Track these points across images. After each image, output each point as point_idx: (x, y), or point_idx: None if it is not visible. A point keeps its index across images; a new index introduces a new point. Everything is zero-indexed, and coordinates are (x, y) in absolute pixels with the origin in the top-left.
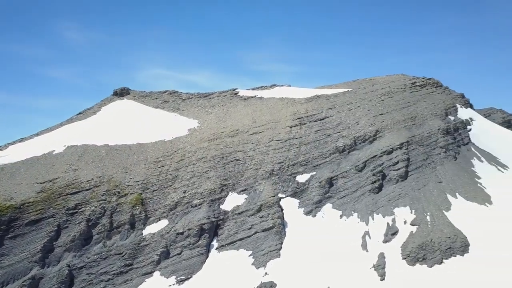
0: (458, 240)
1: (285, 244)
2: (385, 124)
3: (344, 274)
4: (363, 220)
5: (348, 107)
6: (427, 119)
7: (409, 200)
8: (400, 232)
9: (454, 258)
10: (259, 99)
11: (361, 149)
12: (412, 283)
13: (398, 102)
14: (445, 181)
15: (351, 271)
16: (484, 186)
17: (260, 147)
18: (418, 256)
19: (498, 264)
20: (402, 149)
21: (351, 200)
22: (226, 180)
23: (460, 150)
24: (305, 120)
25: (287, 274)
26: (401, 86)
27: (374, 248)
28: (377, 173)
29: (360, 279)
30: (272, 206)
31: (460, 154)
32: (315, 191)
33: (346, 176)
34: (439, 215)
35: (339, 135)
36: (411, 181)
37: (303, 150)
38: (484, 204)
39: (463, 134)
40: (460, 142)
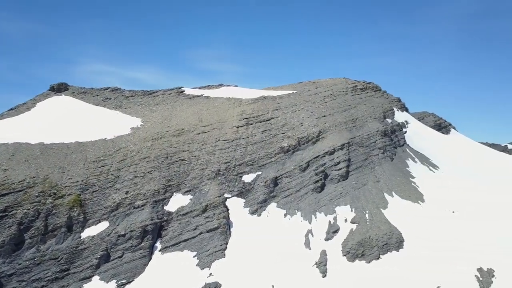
0: (394, 236)
1: (230, 244)
2: (327, 126)
3: (287, 272)
4: (306, 218)
5: (293, 108)
6: (367, 121)
7: (350, 199)
8: (341, 230)
9: (390, 254)
10: (205, 98)
11: (304, 150)
12: (352, 279)
13: (340, 104)
14: (383, 181)
15: (294, 269)
16: (417, 185)
17: (206, 147)
18: (357, 252)
19: (429, 258)
20: (343, 150)
21: (295, 199)
22: (170, 181)
23: (396, 151)
24: (252, 120)
25: (232, 274)
26: (343, 89)
27: (316, 246)
28: (320, 173)
29: (303, 276)
30: (218, 206)
31: (396, 155)
32: (261, 191)
33: (290, 175)
34: (377, 213)
35: (284, 135)
36: (351, 180)
37: (250, 150)
38: (417, 202)
39: (399, 136)
40: (396, 143)
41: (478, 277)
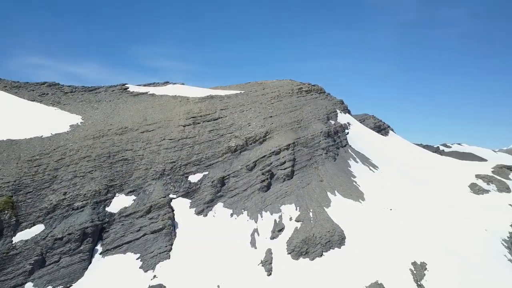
0: (336, 234)
1: (175, 245)
2: (274, 126)
3: (233, 272)
4: (252, 218)
5: (241, 108)
6: (311, 122)
7: (295, 198)
8: (286, 228)
9: (332, 251)
10: (150, 96)
11: (252, 150)
12: (296, 276)
13: (286, 106)
14: (326, 180)
15: (240, 269)
16: (358, 184)
17: (151, 146)
18: (301, 250)
19: (368, 253)
20: (289, 150)
21: (242, 198)
22: (112, 181)
23: (339, 152)
24: (199, 119)
25: (177, 275)
26: (289, 91)
27: (262, 245)
28: (266, 172)
29: (248, 276)
30: (163, 207)
31: (339, 155)
32: (207, 191)
33: (237, 175)
34: (320, 211)
35: (231, 135)
36: (296, 180)
37: (196, 150)
38: (358, 201)
39: (341, 137)
40: (339, 144)
41: (412, 271)
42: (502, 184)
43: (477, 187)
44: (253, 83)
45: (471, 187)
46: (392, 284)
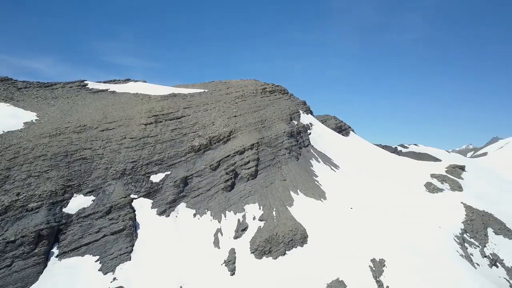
0: (298, 232)
1: (136, 246)
2: (238, 126)
3: (196, 272)
4: (216, 218)
5: (204, 107)
6: (275, 122)
7: (258, 197)
8: (249, 228)
9: (295, 249)
10: (111, 94)
11: (215, 149)
12: (259, 275)
13: (250, 105)
14: (289, 179)
15: (203, 269)
16: (320, 184)
17: (111, 144)
18: (265, 249)
19: (330, 251)
20: (253, 150)
21: (205, 198)
22: (70, 181)
23: (302, 151)
24: (161, 118)
25: (138, 277)
26: (253, 90)
27: (225, 245)
28: (230, 172)
29: (211, 276)
30: (123, 208)
31: (301, 155)
32: (170, 191)
33: (201, 175)
34: (283, 210)
35: (195, 134)
36: (260, 179)
37: (158, 149)
38: (320, 200)
39: (304, 137)
40: (301, 144)
41: (371, 267)
42: (455, 183)
43: (432, 186)
44: (217, 82)
45: (427, 186)
46: (352, 281)
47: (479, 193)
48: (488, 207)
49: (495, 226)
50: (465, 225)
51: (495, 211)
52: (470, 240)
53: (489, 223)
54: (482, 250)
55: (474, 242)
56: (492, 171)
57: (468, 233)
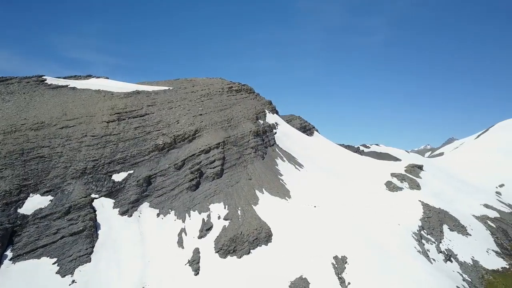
0: (263, 231)
1: (97, 247)
2: (204, 124)
3: (159, 272)
4: (180, 217)
5: (169, 105)
6: (241, 121)
7: (223, 196)
8: (214, 227)
9: (259, 248)
10: (71, 90)
11: (180, 148)
12: (224, 275)
13: (216, 104)
14: (254, 178)
15: (167, 269)
16: (285, 182)
17: (71, 142)
18: (229, 249)
19: (294, 249)
20: (218, 149)
21: (169, 198)
22: (26, 180)
23: (267, 151)
24: (124, 115)
25: (99, 278)
26: (219, 89)
27: (189, 244)
28: (195, 171)
29: (175, 276)
30: (83, 208)
31: (267, 154)
32: (132, 190)
33: (165, 174)
34: (248, 209)
35: (159, 133)
36: (225, 178)
37: (121, 148)
38: (285, 198)
39: (270, 136)
40: (267, 143)
41: (334, 264)
42: (413, 182)
43: (392, 184)
44: (183, 80)
45: (387, 185)
46: (315, 278)
47: (435, 192)
48: (444, 205)
49: (450, 223)
50: (423, 222)
51: (450, 208)
52: (427, 236)
53: (445, 220)
54: (438, 246)
55: (430, 239)
56: (447, 171)
57: (425, 230)
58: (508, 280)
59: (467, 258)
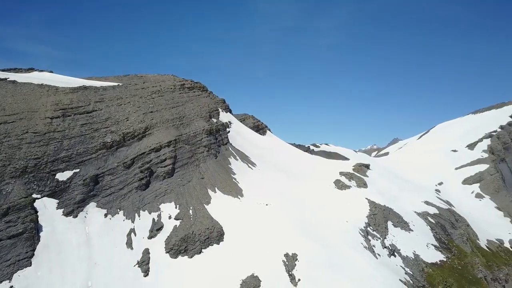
0: (215, 230)
1: (38, 250)
2: (154, 122)
3: (107, 275)
4: (129, 217)
5: (118, 102)
6: (194, 119)
7: (175, 196)
8: (165, 227)
9: (211, 247)
10: (11, 83)
11: (129, 146)
12: (174, 275)
13: (168, 101)
14: (207, 177)
15: (114, 271)
16: (237, 181)
17: (10, 139)
18: (180, 248)
19: (245, 248)
20: (169, 147)
21: (118, 197)
22: None
23: (220, 149)
24: (70, 112)
25: (40, 283)
26: (171, 86)
27: (139, 245)
28: (145, 170)
29: (123, 277)
30: (23, 209)
31: (220, 153)
32: (78, 190)
33: (113, 173)
34: (200, 209)
35: (107, 130)
36: (177, 177)
37: (66, 145)
38: (237, 197)
39: (223, 135)
40: (220, 142)
41: (284, 262)
42: (361, 180)
43: (340, 183)
44: (133, 76)
45: (336, 183)
46: (266, 276)
47: (381, 190)
48: (388, 202)
49: (394, 220)
50: (369, 219)
51: (394, 206)
52: (373, 232)
53: (389, 217)
54: (382, 242)
55: (376, 235)
56: (392, 170)
57: (371, 226)
58: (445, 272)
59: (409, 252)
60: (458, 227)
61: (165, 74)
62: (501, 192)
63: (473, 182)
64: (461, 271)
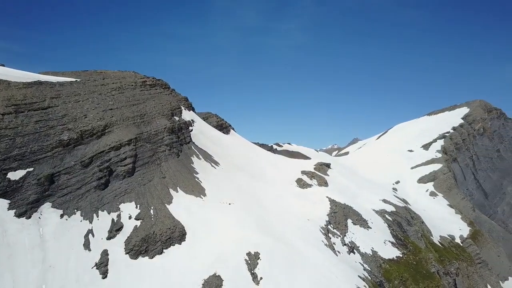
0: (177, 230)
1: None
2: (114, 120)
3: (63, 277)
4: (87, 218)
5: (76, 98)
6: (155, 117)
7: (135, 195)
8: (124, 228)
9: (173, 247)
10: None
11: (88, 144)
12: (134, 276)
13: (129, 98)
14: (168, 176)
15: (71, 274)
16: (200, 180)
17: None
18: (141, 249)
19: (208, 247)
20: (130, 145)
21: (75, 197)
22: None
23: (183, 148)
24: (23, 108)
25: None
26: (132, 83)
27: (97, 246)
28: (104, 169)
29: (80, 280)
30: None
31: (182, 151)
32: (32, 190)
33: (70, 172)
34: (161, 208)
35: (64, 127)
36: (137, 176)
37: (19, 143)
38: (200, 196)
39: (185, 134)
40: (183, 141)
41: (247, 261)
42: (322, 179)
43: (302, 182)
44: (92, 72)
45: (298, 182)
46: (229, 275)
47: (341, 188)
48: (348, 201)
49: (353, 217)
50: (330, 217)
51: (353, 204)
52: (333, 230)
53: (349, 215)
54: (342, 239)
55: (336, 232)
56: (352, 169)
57: (332, 224)
58: (401, 267)
59: (368, 249)
60: (413, 224)
61: (126, 70)
62: (453, 190)
63: (428, 181)
64: (416, 266)
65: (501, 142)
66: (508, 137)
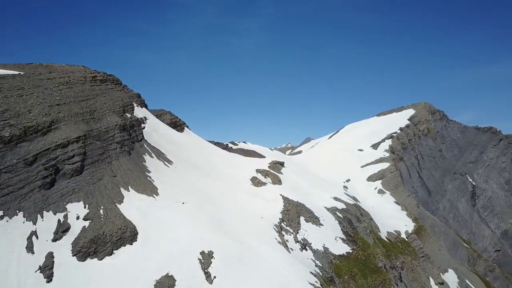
0: (128, 230)
1: None
2: (61, 116)
3: (1, 283)
4: (30, 219)
5: (19, 92)
6: (106, 114)
7: (84, 195)
8: (72, 229)
9: (124, 248)
10: None
11: (32, 141)
12: (82, 279)
13: (77, 94)
14: (119, 175)
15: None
16: (153, 179)
17: None
18: (89, 250)
19: (159, 247)
20: (78, 143)
21: (17, 197)
22: None
23: (134, 146)
24: None
25: None
26: (81, 78)
27: (41, 249)
28: (50, 167)
29: (22, 285)
30: None
31: (134, 149)
32: None
33: (11, 170)
34: (112, 208)
35: (5, 123)
36: (86, 175)
37: None
38: (152, 196)
39: (137, 131)
40: (134, 138)
41: (200, 260)
42: (276, 177)
43: (257, 180)
44: (37, 65)
45: (252, 180)
46: (182, 275)
47: (294, 186)
48: (301, 198)
49: (306, 215)
50: (283, 215)
51: (306, 201)
52: (287, 228)
53: (301, 212)
54: (295, 236)
55: (289, 230)
56: (305, 167)
57: (285, 222)
58: (350, 263)
59: (319, 246)
60: (362, 220)
61: (75, 65)
62: (399, 188)
63: (376, 179)
64: (365, 261)
65: (443, 142)
66: (450, 137)
